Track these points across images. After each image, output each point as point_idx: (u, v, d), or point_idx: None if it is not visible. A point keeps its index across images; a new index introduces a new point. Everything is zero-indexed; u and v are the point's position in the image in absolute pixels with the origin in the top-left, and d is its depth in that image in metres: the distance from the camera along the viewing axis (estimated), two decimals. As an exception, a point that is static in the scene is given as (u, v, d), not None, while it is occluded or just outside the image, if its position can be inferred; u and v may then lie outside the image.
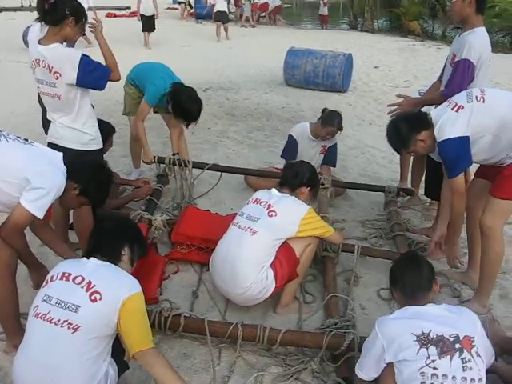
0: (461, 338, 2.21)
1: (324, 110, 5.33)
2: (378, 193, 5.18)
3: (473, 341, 2.22)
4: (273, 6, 24.11)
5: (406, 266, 2.60)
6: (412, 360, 2.20)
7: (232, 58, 14.18)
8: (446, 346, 2.18)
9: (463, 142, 3.18)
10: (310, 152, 5.30)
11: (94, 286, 2.31)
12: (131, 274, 2.54)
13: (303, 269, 3.47)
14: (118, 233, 2.62)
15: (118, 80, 3.77)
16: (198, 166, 5.16)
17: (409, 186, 5.25)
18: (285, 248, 3.32)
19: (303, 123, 5.53)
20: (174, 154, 5.19)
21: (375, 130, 7.86)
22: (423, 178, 4.85)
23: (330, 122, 5.15)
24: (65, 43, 3.50)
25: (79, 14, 3.46)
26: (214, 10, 17.56)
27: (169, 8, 27.99)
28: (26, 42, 12.73)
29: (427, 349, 2.19)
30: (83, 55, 3.45)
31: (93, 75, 3.51)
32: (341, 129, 5.26)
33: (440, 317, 2.31)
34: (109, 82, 3.67)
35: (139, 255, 2.73)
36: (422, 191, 4.94)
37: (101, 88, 3.63)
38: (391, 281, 2.64)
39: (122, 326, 2.32)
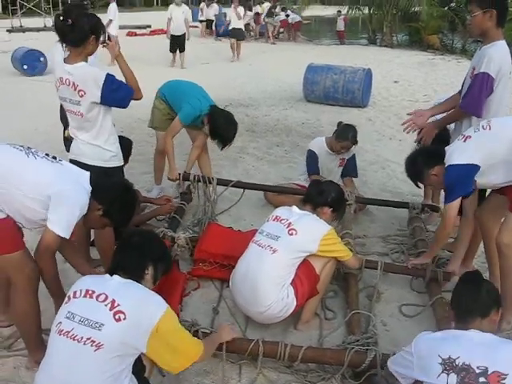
0: (489, 372, 2.01)
1: (339, 124, 5.32)
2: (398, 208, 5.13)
3: (503, 378, 1.99)
4: (293, 21, 24.33)
5: (463, 286, 2.49)
6: (432, 383, 2.11)
7: (252, 74, 14.27)
8: (468, 376, 2.02)
9: (467, 169, 3.23)
10: (330, 165, 5.29)
11: (118, 305, 2.29)
12: (152, 290, 2.53)
13: (323, 285, 3.45)
14: (143, 251, 2.59)
15: (140, 99, 3.79)
16: (222, 183, 5.18)
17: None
18: (305, 265, 3.30)
19: (319, 138, 5.51)
20: (185, 173, 5.15)
21: (395, 145, 7.82)
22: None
23: (345, 136, 5.12)
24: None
25: (99, 31, 3.50)
26: (230, 28, 17.73)
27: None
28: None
29: (448, 375, 2.06)
30: (108, 74, 3.48)
31: (117, 94, 3.55)
32: (355, 143, 5.20)
33: (476, 345, 2.12)
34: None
35: (163, 273, 2.72)
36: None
37: (124, 106, 3.67)
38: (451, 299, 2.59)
39: (166, 345, 2.35)
